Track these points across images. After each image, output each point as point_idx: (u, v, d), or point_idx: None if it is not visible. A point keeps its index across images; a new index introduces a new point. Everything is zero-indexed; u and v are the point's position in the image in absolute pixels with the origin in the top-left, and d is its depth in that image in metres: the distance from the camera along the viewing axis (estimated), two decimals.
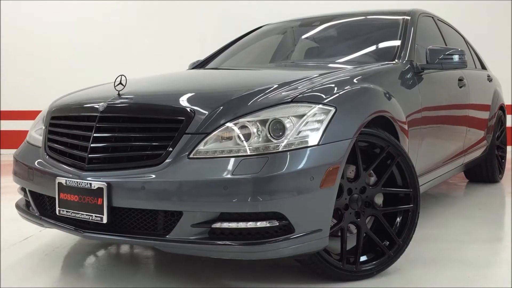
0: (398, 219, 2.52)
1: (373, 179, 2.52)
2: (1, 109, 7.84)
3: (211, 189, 2.00)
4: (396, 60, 3.12)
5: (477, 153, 4.30)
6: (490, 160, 4.70)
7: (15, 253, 2.87)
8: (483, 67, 4.90)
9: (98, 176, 2.17)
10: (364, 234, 2.42)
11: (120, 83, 2.37)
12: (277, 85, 2.35)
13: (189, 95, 2.33)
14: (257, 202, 1.98)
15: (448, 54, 3.16)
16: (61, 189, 2.25)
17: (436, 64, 3.17)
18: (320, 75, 2.59)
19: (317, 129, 2.14)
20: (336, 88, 2.38)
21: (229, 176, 1.99)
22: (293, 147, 2.07)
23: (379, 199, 2.53)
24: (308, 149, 2.09)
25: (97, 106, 2.31)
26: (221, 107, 2.17)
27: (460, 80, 3.77)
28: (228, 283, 2.39)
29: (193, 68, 3.93)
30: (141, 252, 2.87)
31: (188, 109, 2.17)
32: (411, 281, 2.42)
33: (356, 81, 2.56)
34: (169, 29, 7.82)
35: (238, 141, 2.08)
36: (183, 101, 2.25)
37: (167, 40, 7.79)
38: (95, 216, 2.15)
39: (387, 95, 2.66)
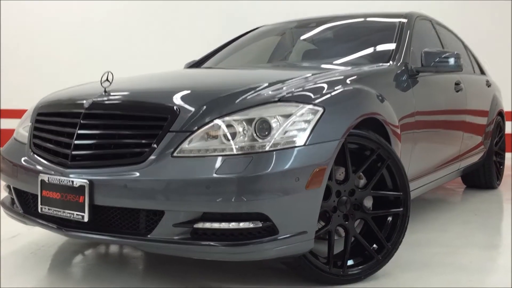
0: (387, 223, 2.48)
1: (362, 181, 2.48)
2: (1, 108, 7.83)
3: (194, 188, 1.96)
4: (391, 62, 3.08)
5: (474, 159, 4.25)
6: (487, 166, 4.65)
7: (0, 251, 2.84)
8: (482, 72, 4.85)
9: (80, 173, 2.14)
10: (353, 238, 2.38)
11: (107, 79, 2.34)
12: (266, 84, 2.32)
13: (176, 92, 2.29)
14: (241, 202, 1.94)
15: (443, 58, 3.12)
16: (44, 187, 2.22)
17: (431, 67, 3.13)
18: (313, 75, 2.55)
19: (304, 129, 2.10)
20: (326, 89, 2.34)
21: (212, 175, 1.95)
22: (279, 147, 2.03)
23: (368, 202, 2.48)
24: (295, 149, 2.05)
25: (82, 103, 2.28)
26: (207, 105, 2.13)
27: (457, 84, 3.73)
28: (215, 284, 2.34)
29: (188, 68, 3.90)
30: (129, 252, 2.83)
31: (173, 107, 2.13)
32: (399, 285, 2.38)
33: (348, 82, 2.52)
34: (171, 28, 7.81)
35: (223, 140, 2.05)
36: (169, 98, 2.22)
37: (169, 39, 7.77)
38: (76, 214, 2.11)
39: (379, 97, 2.62)
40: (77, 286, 2.39)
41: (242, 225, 1.97)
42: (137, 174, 2.03)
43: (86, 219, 2.09)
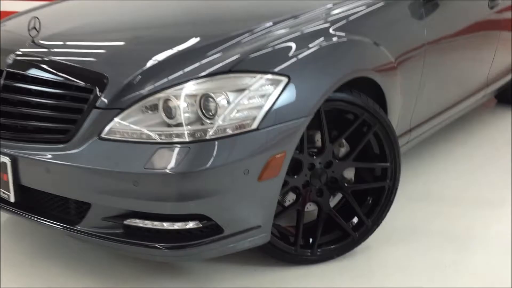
0: (369, 198, 2.16)
1: (344, 149, 2.11)
2: None
3: (120, 183, 1.65)
4: None
5: (505, 79, 3.68)
6: None
7: None
8: None
9: (5, 146, 1.85)
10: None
11: (34, 28, 1.94)
12: (220, 40, 1.86)
13: (111, 49, 1.89)
14: (174, 203, 1.64)
15: None
16: None
17: None
18: (288, 20, 2.04)
19: (259, 107, 1.70)
20: (297, 46, 1.86)
21: (140, 169, 1.62)
22: (224, 134, 1.65)
23: (350, 173, 2.14)
24: (244, 135, 1.67)
25: (5, 57, 1.91)
26: (144, 74, 1.73)
27: None
28: None
29: None
30: None
31: (101, 75, 1.74)
32: (373, 265, 2.11)
33: (332, 31, 2.01)
34: None
35: (164, 117, 1.68)
36: (98, 60, 1.83)
37: None
38: (3, 192, 1.87)
39: (375, 44, 2.13)
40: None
41: (177, 226, 1.68)
42: (60, 157, 1.73)
43: (12, 199, 1.85)
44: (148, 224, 1.69)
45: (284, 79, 1.74)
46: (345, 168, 2.08)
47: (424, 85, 2.51)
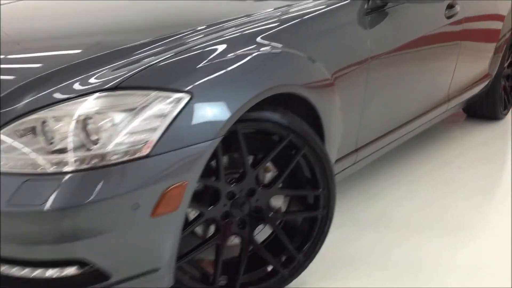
0: (301, 227, 1.91)
1: (270, 174, 1.86)
2: None
3: None
4: None
5: (472, 93, 3.46)
6: (492, 94, 3.85)
7: None
8: None
9: None
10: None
11: None
12: (115, 51, 1.62)
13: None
14: (42, 247, 1.37)
15: None
16: None
17: None
18: (206, 28, 1.81)
19: (153, 130, 1.44)
20: (205, 58, 1.62)
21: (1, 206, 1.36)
22: (110, 162, 1.39)
23: (278, 202, 1.89)
24: (134, 163, 1.41)
25: None
26: (14, 93, 1.48)
27: (450, 7, 2.84)
28: None
29: None
30: None
31: None
32: None
33: (261, 40, 1.78)
34: None
35: (35, 149, 1.42)
36: None
37: None
38: None
39: (310, 60, 1.89)
40: None
41: (51, 272, 1.41)
42: None
43: None
44: (15, 272, 1.42)
45: (186, 97, 1.49)
46: (271, 196, 1.83)
47: (370, 101, 2.28)
